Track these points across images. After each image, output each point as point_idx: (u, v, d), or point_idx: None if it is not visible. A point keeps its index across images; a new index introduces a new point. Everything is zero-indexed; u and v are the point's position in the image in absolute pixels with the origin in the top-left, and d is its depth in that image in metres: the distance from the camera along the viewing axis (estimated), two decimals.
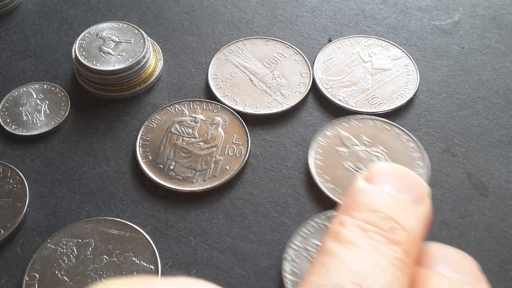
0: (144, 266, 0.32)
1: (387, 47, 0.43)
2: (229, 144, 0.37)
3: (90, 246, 0.33)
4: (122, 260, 0.32)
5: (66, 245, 0.33)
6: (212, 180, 0.36)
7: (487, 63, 0.42)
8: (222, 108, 0.39)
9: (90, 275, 0.31)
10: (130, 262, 0.32)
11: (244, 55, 0.43)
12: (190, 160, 0.37)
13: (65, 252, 0.32)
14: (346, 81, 0.41)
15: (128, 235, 0.33)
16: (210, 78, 0.41)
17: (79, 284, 0.31)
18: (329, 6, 0.47)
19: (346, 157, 0.36)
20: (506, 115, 0.39)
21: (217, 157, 0.37)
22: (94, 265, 0.32)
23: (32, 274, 0.32)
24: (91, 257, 0.32)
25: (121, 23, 0.43)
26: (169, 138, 0.38)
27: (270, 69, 0.42)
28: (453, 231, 0.34)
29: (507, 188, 0.35)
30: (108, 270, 0.32)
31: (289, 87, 0.41)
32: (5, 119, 0.40)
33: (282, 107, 0.39)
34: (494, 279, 0.32)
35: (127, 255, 0.32)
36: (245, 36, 0.45)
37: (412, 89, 0.40)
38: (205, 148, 0.37)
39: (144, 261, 0.32)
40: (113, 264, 0.32)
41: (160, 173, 0.36)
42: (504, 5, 0.47)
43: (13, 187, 0.35)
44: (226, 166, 0.36)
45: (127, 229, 0.33)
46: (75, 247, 0.33)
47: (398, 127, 0.38)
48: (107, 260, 0.32)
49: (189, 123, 0.39)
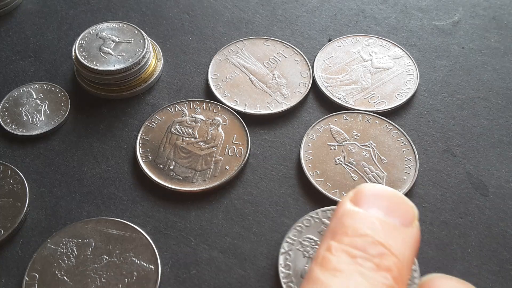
0: (144, 266, 0.32)
1: (387, 46, 0.43)
2: (229, 144, 0.37)
3: (90, 246, 0.33)
4: (122, 260, 0.32)
5: (66, 245, 0.33)
6: (212, 180, 0.36)
7: (487, 63, 0.42)
8: (222, 108, 0.39)
9: (90, 275, 0.31)
10: (130, 262, 0.32)
11: (244, 55, 0.43)
12: (190, 160, 0.37)
13: (65, 252, 0.32)
14: (346, 79, 0.41)
15: (128, 235, 0.33)
16: (210, 78, 0.41)
17: (79, 284, 0.31)
18: (329, 6, 0.47)
19: (337, 151, 0.37)
20: (506, 115, 0.39)
21: (217, 157, 0.37)
22: (94, 265, 0.32)
23: (32, 274, 0.32)
24: (91, 257, 0.32)
25: (121, 23, 0.43)
26: (169, 138, 0.38)
27: (270, 69, 0.42)
28: (453, 231, 0.34)
29: (507, 188, 0.35)
30: (108, 270, 0.32)
31: (289, 87, 0.41)
32: (5, 119, 0.40)
33: (282, 107, 0.39)
34: (494, 279, 0.32)
35: (127, 255, 0.32)
36: (245, 36, 0.45)
37: (411, 89, 0.40)
38: (205, 148, 0.37)
39: (144, 261, 0.32)
40: (113, 264, 0.32)
41: (160, 173, 0.36)
42: (504, 5, 0.47)
43: (13, 187, 0.35)
44: (226, 166, 0.36)
45: (127, 229, 0.33)
46: (75, 247, 0.33)
47: (389, 122, 0.38)
48: (107, 260, 0.32)
49: (189, 123, 0.39)
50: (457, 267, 0.32)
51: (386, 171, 0.36)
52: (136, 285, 0.31)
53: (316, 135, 0.38)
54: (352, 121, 0.38)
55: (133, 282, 0.31)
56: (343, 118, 0.38)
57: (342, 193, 0.35)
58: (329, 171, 0.36)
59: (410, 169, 0.36)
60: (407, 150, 0.37)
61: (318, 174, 0.36)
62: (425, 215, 0.34)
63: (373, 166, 0.36)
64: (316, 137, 0.38)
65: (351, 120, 0.38)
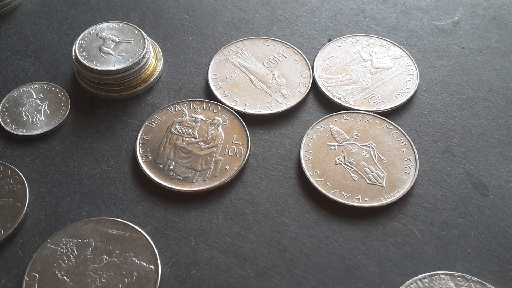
0: (144, 266, 0.32)
1: (387, 46, 0.43)
2: (229, 144, 0.37)
3: (90, 246, 0.33)
4: (122, 260, 0.32)
5: (66, 245, 0.33)
6: (212, 180, 0.36)
7: (487, 63, 0.42)
8: (222, 108, 0.39)
9: (90, 275, 0.31)
10: (130, 262, 0.32)
11: (244, 55, 0.43)
12: (190, 160, 0.37)
13: (65, 252, 0.32)
14: (346, 79, 0.41)
15: (128, 235, 0.33)
16: (210, 78, 0.41)
17: (79, 284, 0.31)
18: (329, 6, 0.47)
19: (337, 151, 0.37)
20: (506, 115, 0.39)
21: (217, 157, 0.37)
22: (94, 265, 0.32)
23: (32, 274, 0.32)
24: (91, 257, 0.32)
25: (121, 23, 0.43)
26: (169, 138, 0.38)
27: (270, 69, 0.42)
28: (453, 231, 0.34)
29: (507, 188, 0.35)
30: (108, 270, 0.32)
31: (289, 87, 0.41)
32: (5, 119, 0.40)
33: (282, 107, 0.39)
34: (494, 279, 0.32)
35: (127, 255, 0.32)
36: (245, 36, 0.45)
37: (411, 89, 0.40)
38: (205, 148, 0.37)
39: (144, 261, 0.32)
40: (113, 264, 0.32)
41: (160, 173, 0.36)
42: (504, 5, 0.47)
43: (13, 187, 0.35)
44: (226, 166, 0.36)
45: (127, 229, 0.33)
46: (75, 247, 0.33)
47: (389, 122, 0.38)
48: (107, 260, 0.32)
49: (189, 123, 0.39)
50: (457, 267, 0.32)
51: (386, 171, 0.36)
52: (136, 285, 0.31)
53: (316, 135, 0.38)
54: (352, 121, 0.38)
55: (133, 282, 0.31)
56: (343, 118, 0.38)
57: (342, 193, 0.35)
58: (329, 171, 0.36)
59: (410, 169, 0.36)
60: (407, 150, 0.37)
61: (318, 174, 0.36)
62: (425, 215, 0.34)
63: (373, 166, 0.36)
64: (316, 137, 0.38)
65: (351, 120, 0.38)
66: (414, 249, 0.33)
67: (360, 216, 0.34)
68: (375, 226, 0.34)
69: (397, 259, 0.33)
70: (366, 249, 0.33)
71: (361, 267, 0.32)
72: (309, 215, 0.34)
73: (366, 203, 0.34)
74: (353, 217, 0.34)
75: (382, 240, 0.33)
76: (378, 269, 0.32)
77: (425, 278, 0.31)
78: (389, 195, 0.34)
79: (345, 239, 0.33)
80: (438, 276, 0.31)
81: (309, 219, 0.34)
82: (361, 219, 0.34)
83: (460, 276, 0.31)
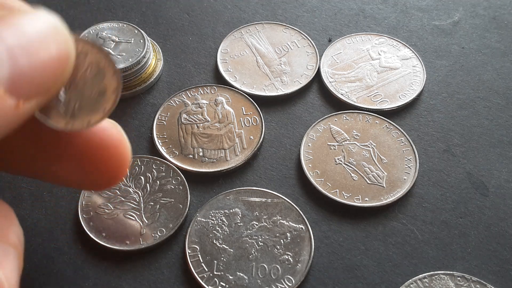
0: (294, 226, 0.33)
1: (397, 46, 0.43)
2: (241, 116, 0.38)
3: (238, 215, 0.34)
4: (272, 223, 0.33)
5: (215, 217, 0.34)
6: (245, 152, 0.37)
7: (487, 63, 0.42)
8: (219, 88, 0.40)
9: (247, 241, 0.33)
10: (280, 225, 0.33)
11: (260, 37, 0.44)
12: (215, 142, 0.37)
13: (217, 223, 0.33)
14: (351, 76, 0.41)
15: (270, 200, 0.34)
16: (219, 51, 0.43)
17: (240, 250, 0.32)
18: (329, 6, 0.47)
19: (337, 151, 0.37)
20: (506, 115, 0.39)
21: (237, 131, 0.38)
22: (247, 231, 0.33)
23: (192, 246, 0.32)
24: (242, 225, 0.33)
25: (121, 23, 0.43)
26: (183, 129, 0.38)
27: (280, 55, 0.43)
28: (453, 231, 0.34)
29: (507, 188, 0.35)
30: (262, 234, 0.33)
31: (291, 75, 0.41)
32: None
33: (276, 93, 0.40)
34: (494, 279, 0.32)
35: (275, 218, 0.33)
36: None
37: (416, 90, 0.40)
38: (223, 127, 0.38)
39: (293, 222, 0.33)
40: (264, 228, 0.33)
41: (194, 162, 0.37)
42: (504, 5, 0.47)
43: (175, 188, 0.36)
44: (250, 136, 0.37)
45: (267, 195, 0.35)
46: (223, 217, 0.34)
47: (389, 122, 0.38)
48: (258, 226, 0.33)
49: (195, 110, 0.39)
50: (457, 267, 0.32)
51: (386, 171, 0.36)
52: (293, 244, 0.32)
53: (316, 135, 0.38)
54: (352, 121, 0.38)
55: (288, 242, 0.32)
56: (343, 118, 0.38)
57: (342, 193, 0.35)
58: (329, 171, 0.36)
59: (410, 169, 0.36)
60: (407, 150, 0.37)
61: (318, 174, 0.36)
62: (425, 215, 0.34)
63: (373, 166, 0.36)
64: (316, 137, 0.38)
65: (351, 120, 0.38)
66: (414, 249, 0.33)
67: (360, 216, 0.34)
68: (375, 226, 0.34)
69: (397, 259, 0.33)
70: (366, 249, 0.33)
71: (361, 267, 0.32)
72: (308, 215, 0.34)
73: (366, 203, 0.34)
74: (353, 217, 0.34)
75: (382, 240, 0.33)
76: (378, 269, 0.32)
77: (425, 278, 0.31)
78: (389, 195, 0.34)
79: (345, 239, 0.33)
80: (438, 276, 0.31)
81: (309, 219, 0.34)
82: (361, 219, 0.34)
83: (460, 276, 0.31)
